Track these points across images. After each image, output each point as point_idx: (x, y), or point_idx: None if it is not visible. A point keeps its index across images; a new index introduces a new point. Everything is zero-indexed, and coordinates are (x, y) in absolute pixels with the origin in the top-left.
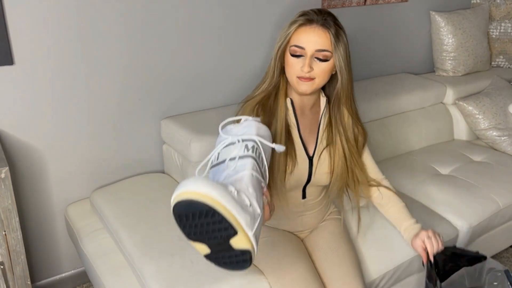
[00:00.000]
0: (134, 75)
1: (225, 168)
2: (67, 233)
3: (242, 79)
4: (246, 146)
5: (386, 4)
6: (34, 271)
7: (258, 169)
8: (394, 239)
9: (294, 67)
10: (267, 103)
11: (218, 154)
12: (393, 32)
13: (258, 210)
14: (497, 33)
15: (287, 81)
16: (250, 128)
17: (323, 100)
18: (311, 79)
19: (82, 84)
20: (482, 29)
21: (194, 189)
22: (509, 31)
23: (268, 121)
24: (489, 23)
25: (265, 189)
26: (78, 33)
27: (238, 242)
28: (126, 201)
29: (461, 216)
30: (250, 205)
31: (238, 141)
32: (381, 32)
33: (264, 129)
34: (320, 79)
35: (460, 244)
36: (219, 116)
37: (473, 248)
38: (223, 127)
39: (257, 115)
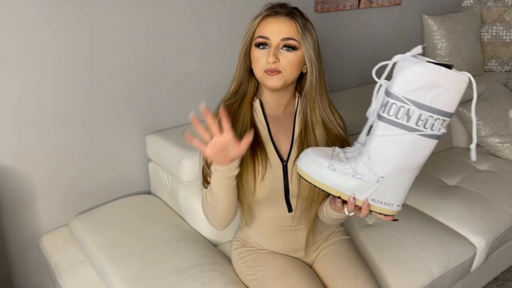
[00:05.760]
0: (114, 87)
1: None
2: (43, 267)
3: None
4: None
5: (380, 8)
6: None
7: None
8: (412, 260)
9: (260, 61)
10: (231, 108)
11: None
12: (386, 36)
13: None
14: (489, 37)
15: (255, 85)
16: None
17: (297, 100)
18: (278, 71)
19: (54, 97)
20: (475, 33)
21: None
22: (501, 34)
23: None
24: (481, 27)
25: None
26: (55, 48)
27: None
28: (111, 229)
29: (477, 232)
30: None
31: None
32: (374, 36)
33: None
34: (288, 72)
35: (477, 262)
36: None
37: (487, 264)
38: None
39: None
